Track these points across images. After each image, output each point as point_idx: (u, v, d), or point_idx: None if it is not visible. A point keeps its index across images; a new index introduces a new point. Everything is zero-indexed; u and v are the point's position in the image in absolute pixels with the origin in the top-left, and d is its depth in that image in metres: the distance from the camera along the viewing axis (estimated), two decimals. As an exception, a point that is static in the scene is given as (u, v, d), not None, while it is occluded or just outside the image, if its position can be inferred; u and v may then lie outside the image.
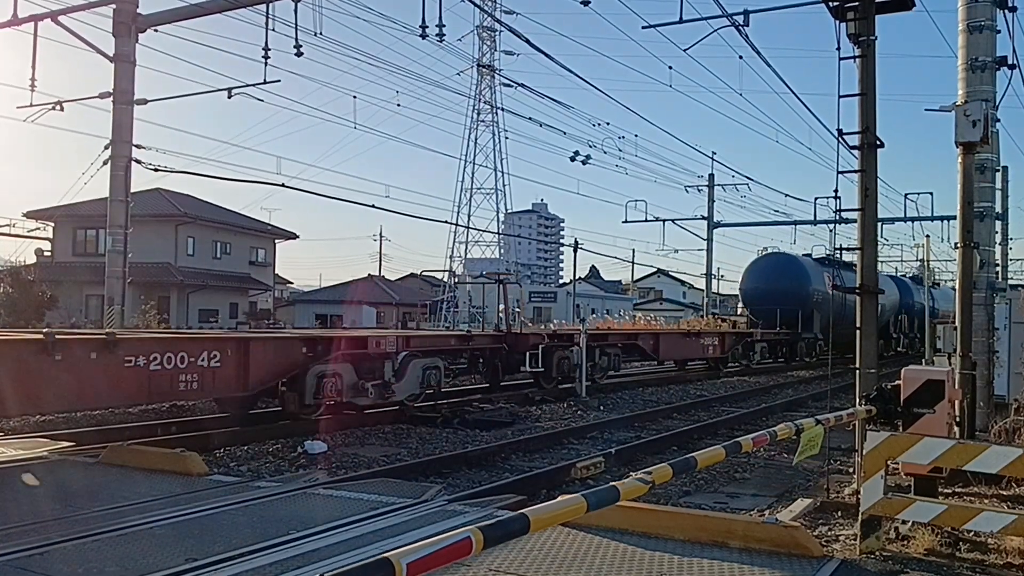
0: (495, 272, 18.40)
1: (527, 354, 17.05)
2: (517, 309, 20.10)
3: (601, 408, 16.23)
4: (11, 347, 8.79)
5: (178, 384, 9.95)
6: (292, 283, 69.15)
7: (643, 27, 13.37)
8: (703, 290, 44.87)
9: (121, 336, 9.98)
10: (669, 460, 5.07)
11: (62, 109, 17.76)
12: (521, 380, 18.54)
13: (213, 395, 11.37)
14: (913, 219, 37.04)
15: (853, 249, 9.22)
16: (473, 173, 69.83)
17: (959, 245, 9.44)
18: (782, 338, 29.01)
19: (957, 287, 9.70)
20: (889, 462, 5.61)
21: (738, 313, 33.08)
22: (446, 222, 63.41)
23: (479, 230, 69.93)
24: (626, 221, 39.74)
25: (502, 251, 76.99)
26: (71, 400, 9.53)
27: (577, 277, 50.43)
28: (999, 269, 27.00)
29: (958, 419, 7.58)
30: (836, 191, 9.69)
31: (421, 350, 13.62)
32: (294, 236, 49.96)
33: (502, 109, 61.04)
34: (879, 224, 9.89)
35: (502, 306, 18.53)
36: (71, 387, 9.05)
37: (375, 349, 12.40)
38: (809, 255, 34.86)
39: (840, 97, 8.90)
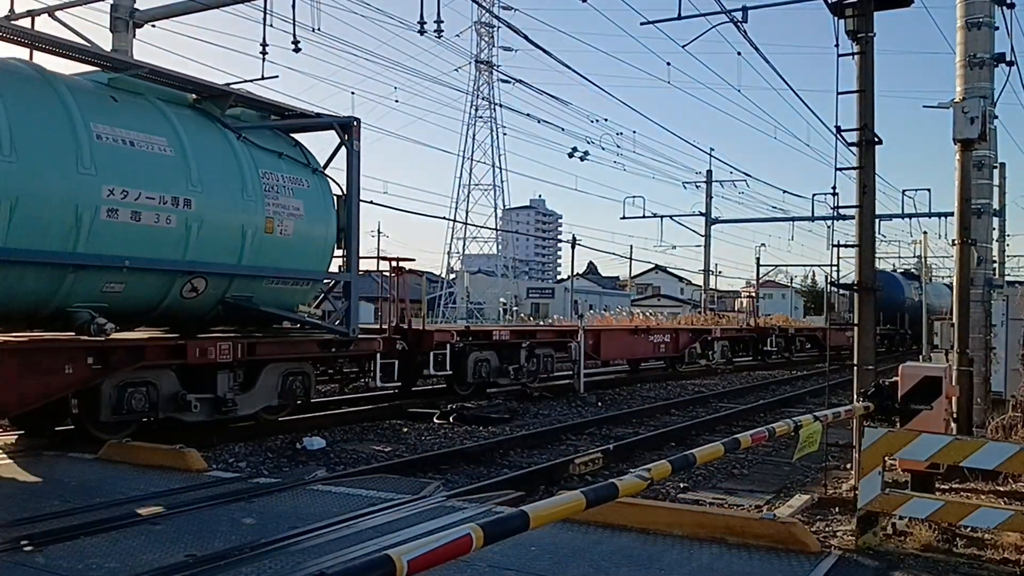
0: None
1: (432, 356, 14.60)
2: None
3: (599, 404, 16.25)
4: None
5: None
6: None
7: (641, 23, 13.37)
8: (701, 286, 44.92)
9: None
10: (667, 456, 5.09)
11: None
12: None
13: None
14: (911, 216, 37.05)
15: (851, 246, 9.23)
16: (471, 169, 69.90)
17: (957, 242, 9.46)
18: (889, 332, 37.00)
19: (955, 284, 9.72)
20: (886, 458, 5.63)
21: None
22: (444, 218, 63.43)
23: (477, 226, 69.99)
24: (624, 217, 39.82)
25: (500, 247, 77.03)
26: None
27: (575, 273, 50.44)
28: (996, 266, 27.02)
29: (955, 415, 7.61)
30: (834, 188, 9.73)
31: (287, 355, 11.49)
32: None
33: (500, 105, 61.10)
34: (877, 221, 9.90)
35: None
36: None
37: (197, 358, 9.93)
38: (894, 270, 44.14)
39: (838, 94, 8.90)
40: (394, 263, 14.88)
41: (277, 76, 26.23)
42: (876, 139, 8.86)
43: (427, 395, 15.90)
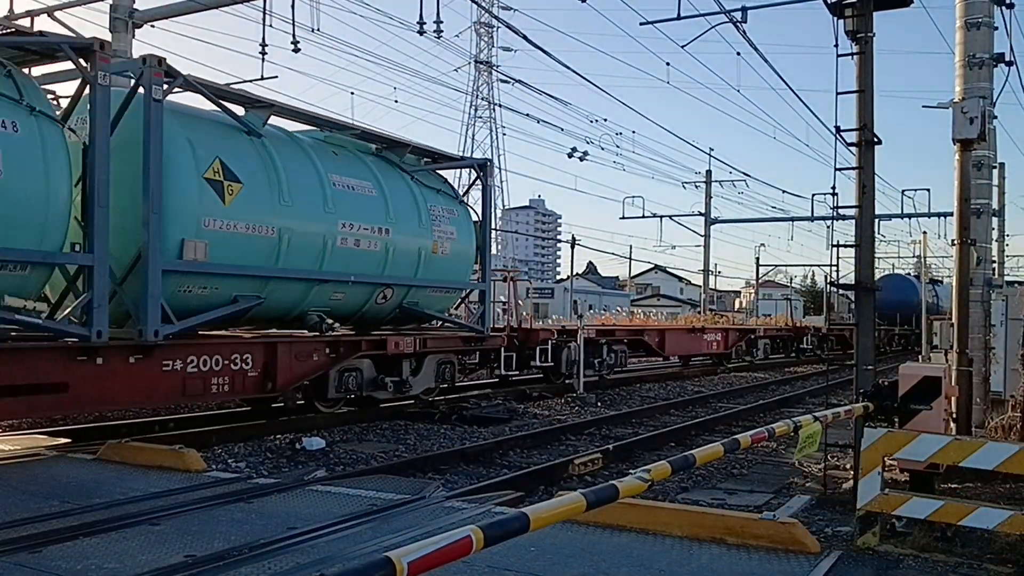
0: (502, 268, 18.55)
1: (537, 349, 17.67)
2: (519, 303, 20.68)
3: (599, 404, 16.25)
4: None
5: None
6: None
7: (641, 23, 13.38)
8: (700, 286, 44.93)
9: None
10: (667, 456, 5.09)
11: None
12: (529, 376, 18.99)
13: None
14: (910, 216, 37.11)
15: (850, 246, 9.23)
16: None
17: (956, 242, 9.47)
18: (905, 332, 38.65)
19: (954, 284, 9.73)
20: (886, 458, 5.63)
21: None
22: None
23: (476, 226, 69.79)
24: (623, 217, 39.87)
25: (500, 247, 77.04)
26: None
27: (574, 273, 50.48)
28: (996, 266, 27.05)
29: (955, 415, 7.61)
30: (834, 188, 9.75)
31: (446, 349, 14.47)
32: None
33: (499, 105, 61.26)
34: (876, 221, 9.90)
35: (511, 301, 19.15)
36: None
37: (394, 349, 13.16)
38: (908, 273, 46.00)
39: (838, 94, 8.91)
40: (506, 274, 18.89)
41: (276, 76, 26.29)
42: (875, 139, 8.87)
43: (529, 382, 18.47)
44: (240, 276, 10.50)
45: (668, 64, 26.32)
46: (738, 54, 24.62)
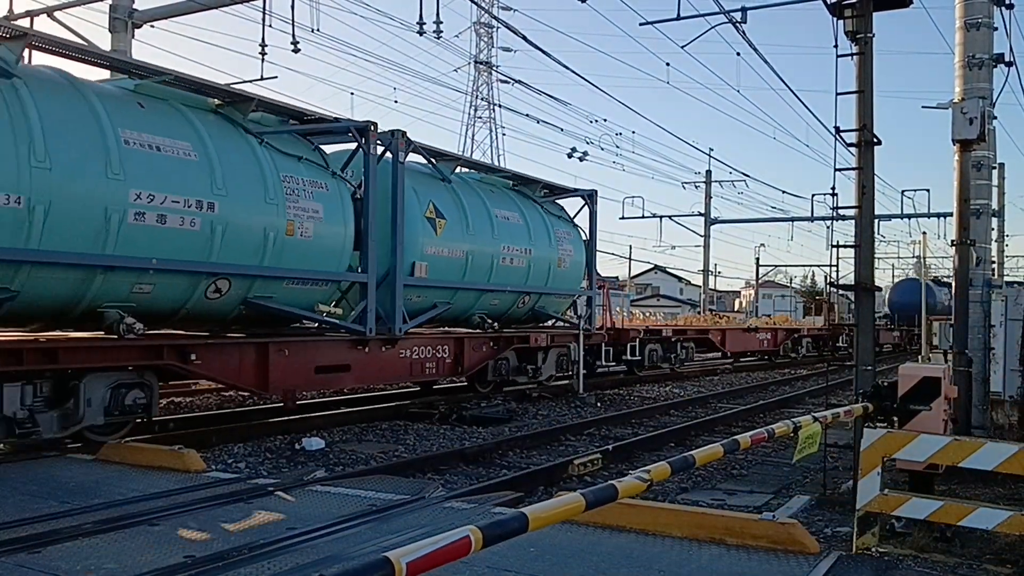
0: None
1: (627, 345, 21.31)
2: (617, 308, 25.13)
3: (598, 404, 16.25)
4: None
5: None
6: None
7: (640, 24, 13.40)
8: (700, 286, 44.95)
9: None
10: (667, 457, 5.09)
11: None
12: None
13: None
14: (910, 216, 37.17)
15: (850, 246, 9.24)
16: None
17: (955, 242, 9.47)
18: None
19: (953, 284, 9.73)
20: (885, 459, 5.63)
21: (879, 316, 44.83)
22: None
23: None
24: (623, 217, 39.87)
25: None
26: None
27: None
28: (995, 266, 27.10)
29: (954, 416, 7.61)
30: (833, 188, 9.78)
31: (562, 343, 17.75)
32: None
33: (499, 106, 61.12)
34: (876, 221, 9.90)
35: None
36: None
37: (533, 343, 16.66)
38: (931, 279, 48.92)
39: (838, 94, 8.92)
40: (602, 284, 22.16)
41: (276, 77, 26.28)
42: (875, 140, 8.88)
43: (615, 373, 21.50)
44: (442, 288, 14.03)
45: (668, 64, 26.31)
46: (738, 54, 24.65)
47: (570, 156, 31.23)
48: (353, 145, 12.33)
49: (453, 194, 14.67)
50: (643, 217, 39.47)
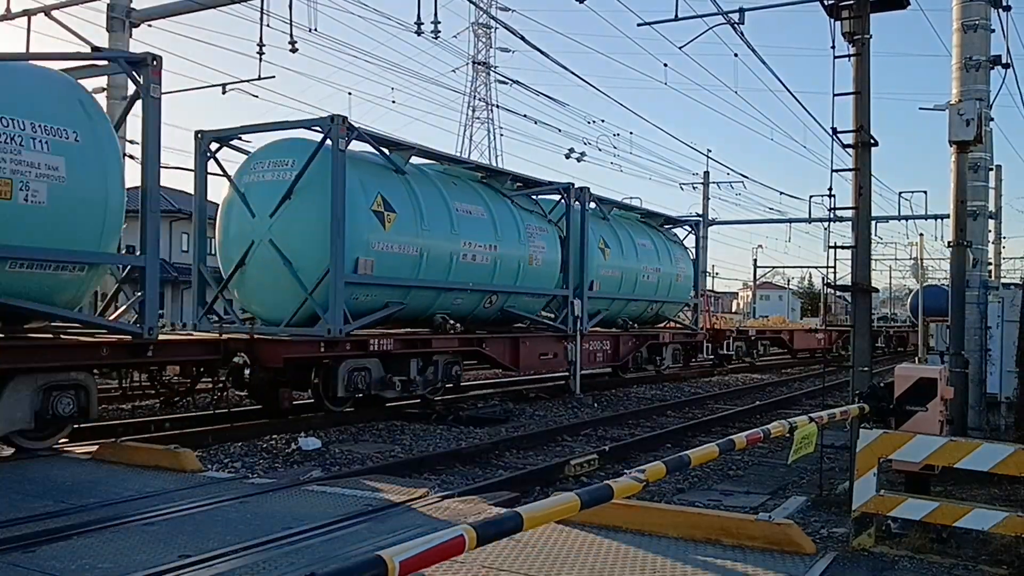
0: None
1: (724, 341, 27.81)
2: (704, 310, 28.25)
3: (595, 405, 16.25)
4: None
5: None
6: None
7: (638, 24, 13.39)
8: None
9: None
10: (663, 457, 5.09)
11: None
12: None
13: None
14: (907, 218, 37.24)
15: (847, 247, 9.24)
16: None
17: (952, 244, 9.48)
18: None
19: (950, 286, 9.74)
20: (881, 459, 5.63)
21: (903, 319, 49.97)
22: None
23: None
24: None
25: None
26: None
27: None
28: (992, 268, 27.13)
29: (950, 417, 7.61)
30: (831, 189, 9.73)
31: (678, 341, 23.44)
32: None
33: (497, 106, 61.19)
34: (873, 222, 9.91)
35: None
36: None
37: (661, 340, 22.03)
38: (943, 282, 49.76)
39: (835, 95, 8.92)
40: (703, 292, 26.89)
41: (274, 76, 26.35)
42: (872, 141, 8.87)
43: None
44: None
45: (666, 65, 26.33)
46: (735, 56, 24.58)
47: (568, 156, 31.25)
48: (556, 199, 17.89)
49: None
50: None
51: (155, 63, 9.44)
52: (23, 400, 8.50)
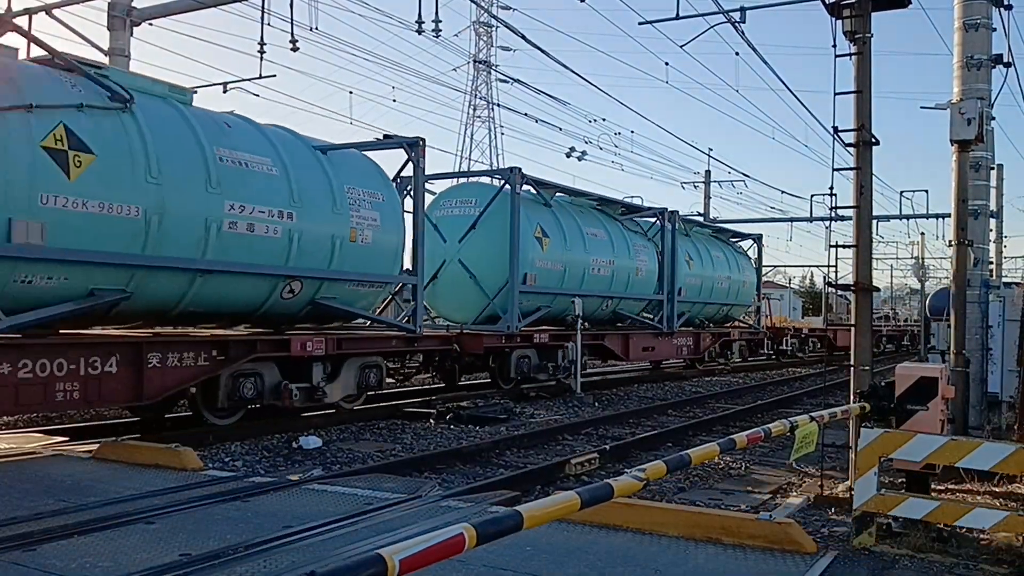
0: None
1: (783, 339, 31.19)
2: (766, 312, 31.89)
3: (596, 404, 16.25)
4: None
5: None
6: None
7: (639, 23, 13.38)
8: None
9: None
10: (664, 456, 5.08)
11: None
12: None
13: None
14: (908, 217, 37.17)
15: (849, 246, 9.23)
16: (469, 169, 69.83)
17: (954, 243, 9.47)
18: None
19: (951, 285, 9.73)
20: (882, 459, 5.63)
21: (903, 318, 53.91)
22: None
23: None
24: (622, 217, 39.71)
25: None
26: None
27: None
28: (993, 267, 27.10)
29: (951, 416, 7.60)
30: (832, 188, 9.72)
31: (744, 338, 28.17)
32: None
33: (498, 105, 60.96)
34: (875, 221, 9.90)
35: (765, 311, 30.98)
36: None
37: (730, 337, 26.89)
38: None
39: (836, 94, 8.89)
40: (761, 296, 30.15)
41: (275, 75, 26.30)
42: (873, 140, 8.86)
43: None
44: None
45: (667, 64, 26.39)
46: (737, 54, 24.63)
47: (569, 155, 31.24)
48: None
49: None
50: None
51: (422, 144, 13.49)
52: (352, 375, 12.60)
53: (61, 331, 9.46)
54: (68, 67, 9.47)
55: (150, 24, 16.60)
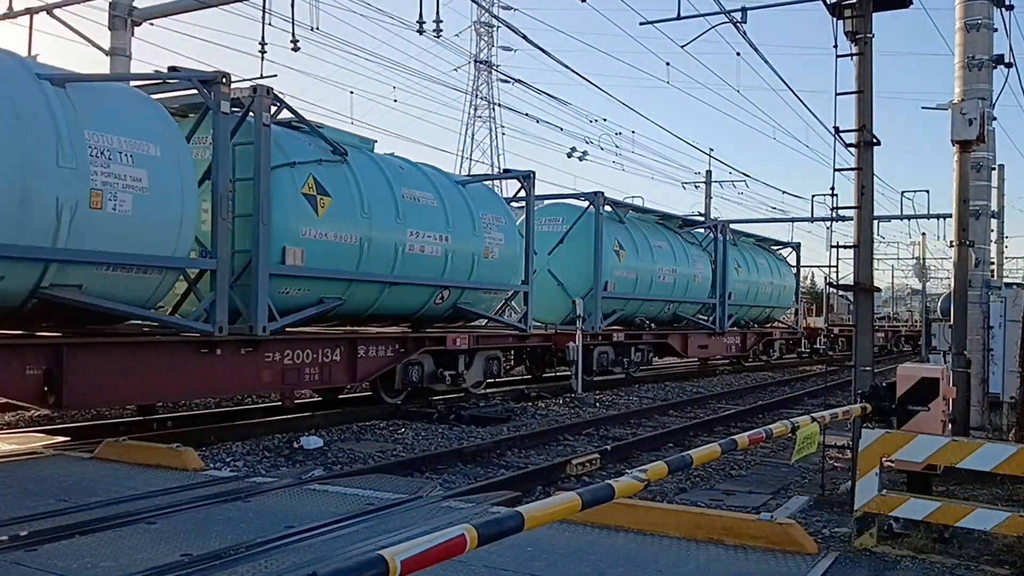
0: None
1: (816, 338, 33.61)
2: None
3: (597, 404, 16.24)
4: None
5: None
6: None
7: (641, 23, 13.39)
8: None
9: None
10: (665, 457, 5.08)
11: None
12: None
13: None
14: (909, 217, 37.18)
15: (850, 247, 9.23)
16: (470, 169, 69.80)
17: (955, 243, 9.46)
18: None
19: (952, 285, 9.72)
20: (884, 459, 5.62)
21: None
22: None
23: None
24: (624, 217, 39.69)
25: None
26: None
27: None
28: (994, 267, 27.08)
29: (952, 417, 7.59)
30: (833, 188, 9.74)
31: (783, 337, 31.02)
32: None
33: (499, 105, 60.89)
34: (876, 222, 9.90)
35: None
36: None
37: (772, 336, 29.75)
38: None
39: (837, 95, 8.90)
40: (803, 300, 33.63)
41: (276, 75, 26.29)
42: (874, 140, 8.86)
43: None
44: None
45: (668, 64, 26.44)
46: (738, 54, 24.67)
47: (570, 155, 31.27)
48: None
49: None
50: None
51: (532, 176, 15.83)
52: (481, 365, 15.25)
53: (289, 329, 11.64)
54: (308, 127, 12.19)
55: (151, 24, 16.62)
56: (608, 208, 20.18)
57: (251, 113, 10.74)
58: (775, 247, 31.40)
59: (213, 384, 10.69)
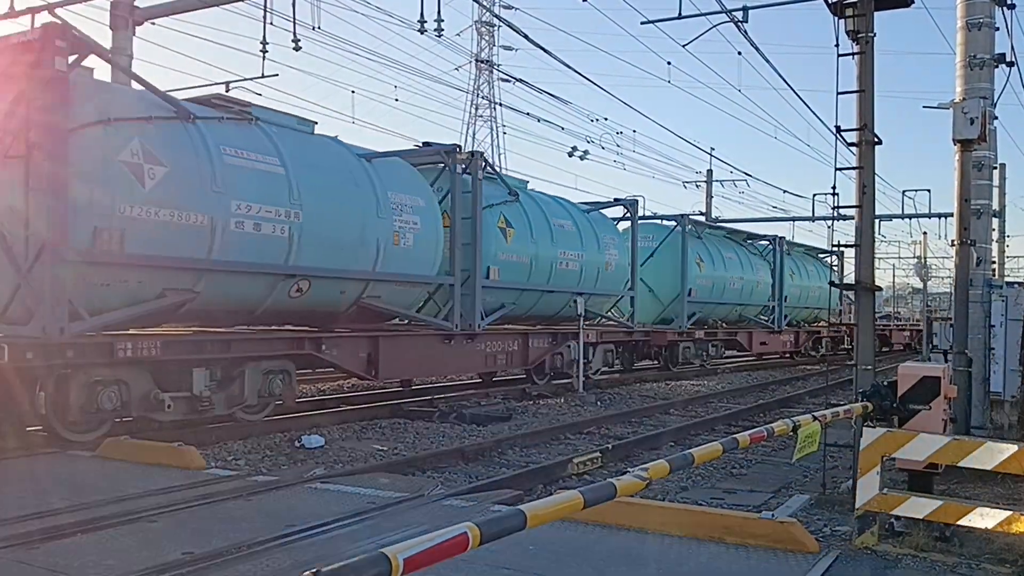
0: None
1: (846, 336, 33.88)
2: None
3: (598, 403, 16.24)
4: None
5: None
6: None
7: (642, 23, 13.42)
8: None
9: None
10: (666, 455, 5.09)
11: None
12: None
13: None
14: (911, 216, 37.13)
15: (851, 246, 9.23)
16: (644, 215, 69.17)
17: (956, 242, 9.45)
18: None
19: (954, 284, 9.72)
20: (885, 458, 5.63)
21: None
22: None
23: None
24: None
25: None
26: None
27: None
28: (996, 266, 27.06)
29: (953, 416, 7.60)
30: (834, 188, 9.73)
31: (829, 335, 32.80)
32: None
33: (500, 104, 60.81)
34: (877, 221, 9.90)
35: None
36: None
37: (820, 334, 32.02)
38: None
39: (838, 94, 8.89)
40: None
41: (277, 75, 26.37)
42: (876, 139, 8.86)
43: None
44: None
45: (669, 63, 26.42)
46: (739, 53, 24.56)
47: (571, 155, 31.27)
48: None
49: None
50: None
51: (638, 201, 21.70)
52: (601, 356, 19.12)
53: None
54: (496, 176, 17.02)
55: (152, 23, 16.62)
56: (689, 226, 24.86)
57: (467, 170, 14.95)
58: (822, 255, 35.57)
59: (450, 363, 15.31)
